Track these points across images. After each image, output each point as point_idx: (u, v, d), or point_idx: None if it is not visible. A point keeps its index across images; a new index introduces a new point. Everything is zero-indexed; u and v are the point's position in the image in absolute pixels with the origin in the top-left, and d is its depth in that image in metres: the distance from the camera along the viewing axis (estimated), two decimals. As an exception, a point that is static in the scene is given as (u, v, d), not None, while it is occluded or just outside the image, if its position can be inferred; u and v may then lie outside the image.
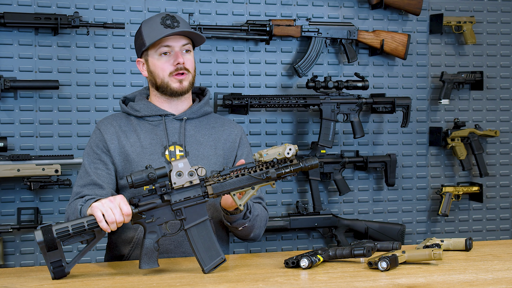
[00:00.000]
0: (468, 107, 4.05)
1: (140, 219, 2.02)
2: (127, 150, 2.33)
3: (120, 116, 2.43)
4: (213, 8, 3.61)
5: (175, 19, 2.32)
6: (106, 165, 2.33)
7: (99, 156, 2.34)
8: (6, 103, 3.31)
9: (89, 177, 2.29)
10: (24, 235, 3.35)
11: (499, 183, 4.12)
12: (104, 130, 2.37)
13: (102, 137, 2.36)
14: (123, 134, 2.36)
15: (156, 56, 2.34)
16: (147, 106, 2.39)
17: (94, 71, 3.44)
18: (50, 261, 1.94)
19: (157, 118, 2.38)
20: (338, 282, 1.90)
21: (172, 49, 2.33)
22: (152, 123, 2.38)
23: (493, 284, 1.87)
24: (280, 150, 2.04)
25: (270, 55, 3.71)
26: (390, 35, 3.78)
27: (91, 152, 2.36)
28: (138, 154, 2.32)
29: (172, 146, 2.35)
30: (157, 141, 2.35)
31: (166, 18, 2.31)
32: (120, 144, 2.34)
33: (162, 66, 2.33)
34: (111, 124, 2.38)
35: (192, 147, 2.36)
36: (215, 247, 2.04)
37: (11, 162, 3.19)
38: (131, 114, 2.40)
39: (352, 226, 3.70)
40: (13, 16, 3.23)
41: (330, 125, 3.64)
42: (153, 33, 2.31)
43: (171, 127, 2.37)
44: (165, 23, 2.30)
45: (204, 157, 2.35)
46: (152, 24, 2.32)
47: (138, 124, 2.38)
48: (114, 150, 2.34)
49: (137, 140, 2.35)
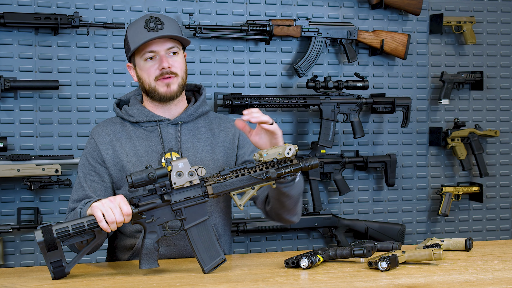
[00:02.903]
0: (468, 107, 4.05)
1: (140, 219, 2.02)
2: (122, 160, 2.27)
3: (115, 121, 2.36)
4: (213, 8, 3.61)
5: (159, 21, 2.24)
6: (102, 177, 2.28)
7: (94, 168, 2.29)
8: (6, 103, 3.31)
9: (83, 191, 2.25)
10: (24, 235, 3.35)
11: (499, 183, 4.12)
12: (98, 139, 2.31)
13: (97, 147, 2.30)
14: (118, 142, 2.30)
15: (141, 61, 2.27)
16: (141, 112, 2.33)
17: (94, 71, 3.44)
18: (50, 261, 1.94)
19: (152, 124, 2.32)
20: (338, 282, 1.90)
21: (157, 54, 2.26)
22: (147, 129, 2.32)
23: (493, 284, 1.87)
24: (280, 150, 2.04)
25: (270, 55, 3.71)
26: (390, 35, 3.79)
27: (86, 163, 2.30)
28: (134, 164, 2.27)
29: (168, 153, 2.30)
30: (153, 148, 2.29)
31: (150, 21, 2.24)
32: (115, 154, 2.28)
33: (147, 71, 2.27)
34: (105, 132, 2.32)
35: (189, 152, 2.31)
36: (215, 247, 2.04)
37: (11, 162, 3.19)
38: (126, 119, 2.34)
39: (352, 226, 3.70)
40: (13, 16, 3.23)
41: (330, 125, 3.64)
42: (137, 37, 2.24)
43: (166, 132, 2.31)
44: (149, 26, 2.23)
45: (201, 163, 2.30)
46: (136, 28, 2.26)
47: (133, 130, 2.32)
48: (109, 160, 2.28)
49: (132, 148, 2.29)
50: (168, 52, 2.27)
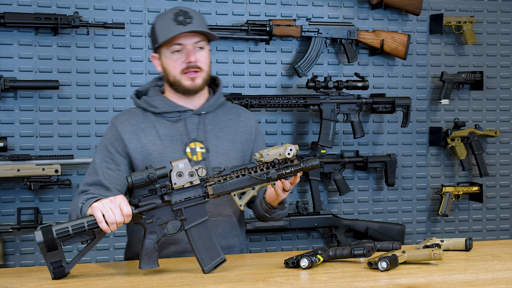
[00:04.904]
0: (468, 107, 4.05)
1: (140, 220, 2.02)
2: (148, 149, 2.29)
3: (137, 112, 2.38)
4: (213, 8, 3.61)
5: (188, 15, 2.27)
6: (118, 166, 2.29)
7: (112, 156, 2.30)
8: (6, 103, 3.31)
9: (97, 176, 2.26)
10: (24, 235, 3.35)
11: (499, 183, 4.12)
12: (121, 129, 2.32)
13: (119, 136, 2.31)
14: (142, 132, 2.32)
15: (168, 53, 2.31)
16: (165, 103, 2.35)
17: (94, 71, 3.44)
18: (50, 262, 1.94)
19: (176, 114, 2.35)
20: (338, 282, 1.90)
21: (184, 47, 2.29)
22: (170, 120, 2.35)
23: (493, 284, 1.87)
24: (281, 151, 2.04)
25: (270, 55, 3.71)
26: (390, 35, 3.79)
27: (104, 149, 2.32)
28: (159, 153, 2.29)
29: (192, 143, 2.33)
30: (177, 138, 2.32)
31: (179, 14, 2.27)
32: (140, 143, 2.30)
33: (173, 64, 2.30)
34: (129, 121, 2.34)
35: (212, 143, 2.34)
36: (215, 247, 2.04)
37: (11, 162, 3.19)
38: (148, 110, 2.36)
39: (352, 226, 3.70)
40: (13, 16, 3.23)
41: (330, 125, 3.64)
42: (165, 29, 2.27)
43: (190, 123, 2.35)
44: (177, 19, 2.26)
45: (224, 153, 2.34)
46: (165, 20, 2.29)
47: (156, 120, 2.34)
48: (134, 149, 2.30)
49: (157, 137, 2.31)
50: (195, 46, 2.31)
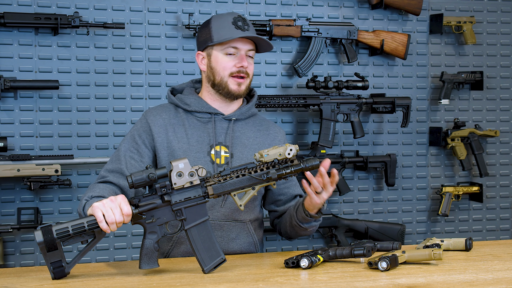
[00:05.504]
0: (468, 107, 4.05)
1: (140, 220, 2.02)
2: (173, 145, 2.32)
3: (169, 107, 2.41)
4: (213, 8, 3.61)
5: (246, 22, 2.33)
6: (142, 157, 2.32)
7: (138, 147, 2.33)
8: (6, 103, 3.31)
9: (119, 164, 2.29)
10: (24, 235, 3.35)
11: (499, 183, 4.12)
12: (152, 122, 2.36)
13: (149, 129, 2.35)
14: (171, 128, 2.35)
15: (221, 54, 2.34)
16: (198, 102, 2.38)
17: (94, 71, 3.44)
18: (50, 262, 1.94)
19: (207, 115, 2.38)
20: (338, 282, 1.90)
21: (238, 51, 2.34)
22: (200, 120, 2.38)
23: (493, 284, 1.87)
24: (281, 151, 2.04)
25: (270, 55, 3.71)
26: (390, 35, 3.79)
27: (131, 139, 2.35)
28: (184, 151, 2.32)
29: (218, 146, 2.35)
30: (204, 139, 2.35)
31: (238, 19, 2.32)
32: (167, 139, 2.34)
33: (224, 65, 2.34)
34: (160, 116, 2.38)
35: (237, 149, 2.36)
36: (215, 247, 2.04)
37: (11, 162, 3.19)
38: (180, 106, 2.40)
39: (352, 226, 3.70)
40: (13, 16, 3.23)
41: (330, 125, 3.64)
42: (223, 31, 2.31)
43: (220, 126, 2.37)
44: (237, 24, 2.31)
45: (247, 160, 2.35)
46: (223, 22, 2.33)
47: (186, 118, 2.38)
48: (161, 143, 2.33)
49: (184, 135, 2.34)
50: (247, 53, 2.37)
